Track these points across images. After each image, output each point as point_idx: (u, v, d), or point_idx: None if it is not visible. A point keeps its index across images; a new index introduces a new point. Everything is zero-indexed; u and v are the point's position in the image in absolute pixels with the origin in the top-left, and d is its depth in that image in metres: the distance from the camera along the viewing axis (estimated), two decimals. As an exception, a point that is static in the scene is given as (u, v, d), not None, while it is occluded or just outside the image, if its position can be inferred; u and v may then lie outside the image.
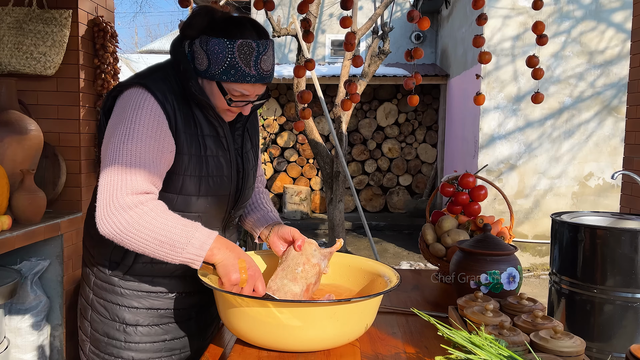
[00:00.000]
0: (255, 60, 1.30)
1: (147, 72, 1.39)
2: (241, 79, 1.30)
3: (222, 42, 1.28)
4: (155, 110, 1.29)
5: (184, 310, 1.49)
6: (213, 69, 1.30)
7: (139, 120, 1.27)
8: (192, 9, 1.35)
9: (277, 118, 9.48)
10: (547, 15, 6.31)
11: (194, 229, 1.22)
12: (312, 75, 5.22)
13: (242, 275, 1.22)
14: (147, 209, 1.21)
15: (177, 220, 1.23)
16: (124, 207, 1.20)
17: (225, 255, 1.23)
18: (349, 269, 1.51)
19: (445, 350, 1.07)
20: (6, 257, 2.54)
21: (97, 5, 3.00)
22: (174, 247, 1.20)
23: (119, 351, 1.43)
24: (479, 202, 1.95)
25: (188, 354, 1.51)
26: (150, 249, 1.21)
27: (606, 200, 6.49)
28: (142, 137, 1.25)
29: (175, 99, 1.34)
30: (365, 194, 9.60)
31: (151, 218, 1.20)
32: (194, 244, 1.21)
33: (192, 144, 1.36)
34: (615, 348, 1.36)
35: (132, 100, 1.30)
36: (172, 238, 1.20)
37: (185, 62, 1.34)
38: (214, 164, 1.39)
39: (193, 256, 1.21)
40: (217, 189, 1.40)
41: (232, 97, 1.34)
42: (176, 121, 1.33)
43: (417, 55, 2.38)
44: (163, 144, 1.29)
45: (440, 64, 9.50)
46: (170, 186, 1.35)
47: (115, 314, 1.44)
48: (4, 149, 2.46)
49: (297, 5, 2.42)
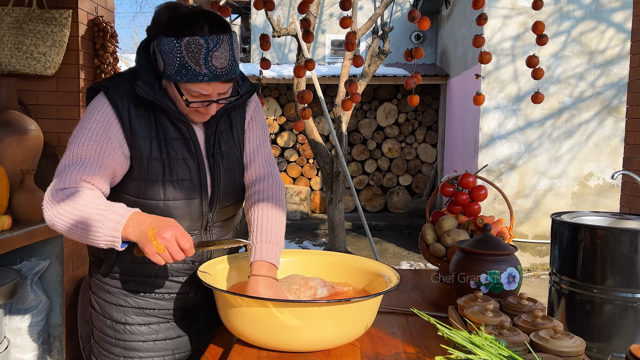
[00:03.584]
0: (204, 58, 1.23)
1: (115, 75, 1.41)
2: (193, 78, 1.25)
3: (171, 41, 1.24)
4: (106, 116, 1.32)
5: (175, 310, 1.46)
6: (168, 69, 1.27)
7: (87, 125, 1.31)
8: (157, 7, 1.33)
9: (277, 118, 9.47)
10: (547, 15, 6.31)
11: (108, 211, 1.19)
12: (312, 75, 5.22)
13: (153, 242, 1.14)
14: (70, 198, 1.22)
15: (97, 205, 1.21)
16: (52, 199, 1.24)
17: (138, 230, 1.17)
18: (349, 269, 1.51)
19: (445, 350, 1.07)
20: (6, 257, 2.54)
21: (97, 5, 3.00)
22: (92, 231, 1.19)
23: (110, 347, 1.45)
24: (479, 202, 1.95)
25: (183, 356, 1.48)
26: (77, 235, 1.22)
27: (606, 200, 6.49)
28: (84, 140, 1.29)
29: (133, 103, 1.33)
30: (365, 194, 9.60)
31: (71, 205, 1.21)
32: (108, 225, 1.18)
33: (152, 149, 1.34)
34: (615, 348, 1.36)
35: (90, 107, 1.35)
36: (89, 222, 1.19)
37: (140, 63, 1.33)
38: (179, 168, 1.36)
39: (110, 237, 1.18)
40: (184, 194, 1.37)
41: (191, 97, 1.29)
42: (131, 126, 1.32)
43: (417, 55, 2.38)
44: (107, 148, 1.30)
45: (440, 64, 9.49)
46: (135, 191, 1.35)
47: (105, 311, 1.45)
48: (4, 149, 2.45)
49: (297, 5, 2.42)
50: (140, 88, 1.30)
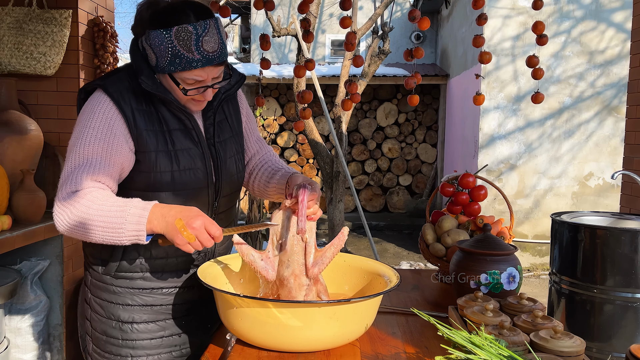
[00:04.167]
0: (196, 43, 1.26)
1: (110, 72, 1.41)
2: (187, 66, 1.28)
3: (160, 33, 1.27)
4: (108, 114, 1.31)
5: (181, 305, 1.48)
6: (160, 62, 1.30)
7: (90, 124, 1.30)
8: (138, 5, 1.35)
9: (277, 118, 9.47)
10: (547, 15, 6.31)
11: (128, 206, 1.22)
12: (312, 75, 5.22)
13: (184, 233, 1.18)
14: (84, 200, 1.23)
15: (115, 202, 1.24)
16: (64, 203, 1.24)
17: (164, 223, 1.21)
18: (349, 269, 1.51)
19: (445, 350, 1.07)
20: (6, 257, 2.54)
21: (97, 5, 3.00)
22: (115, 229, 1.22)
23: (118, 349, 1.44)
24: (479, 202, 1.95)
25: (189, 350, 1.50)
26: (97, 236, 1.23)
27: (606, 200, 6.49)
28: (90, 140, 1.29)
29: (134, 98, 1.35)
30: (365, 194, 9.60)
31: (88, 207, 1.22)
32: (131, 220, 1.21)
33: (157, 141, 1.35)
34: (615, 348, 1.36)
35: (89, 105, 1.33)
36: (110, 220, 1.21)
37: (138, 60, 1.34)
38: (185, 158, 1.38)
39: (135, 232, 1.22)
40: (191, 183, 1.40)
41: (187, 85, 1.32)
42: (135, 120, 1.33)
43: (417, 55, 2.38)
44: (114, 145, 1.30)
45: (440, 64, 9.49)
46: (143, 184, 1.36)
47: (110, 312, 1.44)
48: (4, 149, 2.46)
49: (297, 5, 2.42)
50: (145, 82, 1.31)
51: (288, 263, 1.33)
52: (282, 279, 1.34)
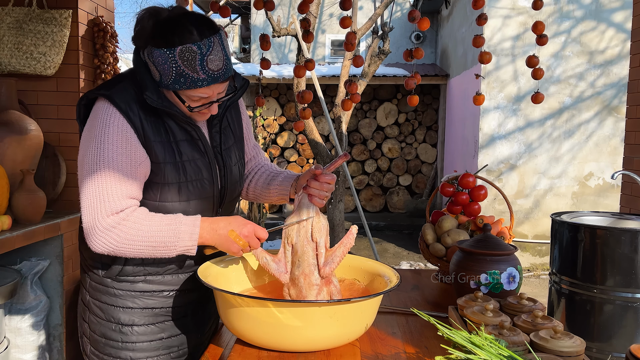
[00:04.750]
0: (200, 63, 1.25)
1: (114, 81, 1.37)
2: (192, 85, 1.27)
3: (163, 52, 1.25)
4: (122, 125, 1.30)
5: (179, 308, 1.49)
6: (165, 79, 1.28)
7: (108, 139, 1.28)
8: (137, 14, 1.32)
9: (277, 118, 9.47)
10: (547, 15, 6.31)
11: (178, 224, 1.29)
12: (312, 75, 5.22)
13: (240, 243, 1.31)
14: (130, 222, 1.27)
15: (161, 221, 1.29)
16: (108, 227, 1.26)
17: (216, 236, 1.30)
18: (349, 269, 1.51)
19: (445, 350, 1.07)
20: (6, 257, 2.54)
21: (97, 5, 3.00)
22: (167, 247, 1.28)
23: (117, 351, 1.44)
24: (479, 202, 1.95)
25: (186, 351, 1.51)
26: (146, 254, 1.29)
27: (606, 200, 6.48)
28: (112, 155, 1.28)
29: (141, 108, 1.33)
30: (365, 194, 9.60)
31: (136, 229, 1.26)
32: (184, 237, 1.28)
33: (165, 152, 1.35)
34: (615, 348, 1.36)
35: (100, 117, 1.30)
36: (162, 239, 1.27)
37: (141, 72, 1.33)
38: (192, 168, 1.39)
39: (187, 247, 1.30)
40: (198, 193, 1.40)
41: (192, 102, 1.32)
42: (144, 131, 1.32)
43: (417, 55, 2.38)
44: (134, 157, 1.30)
45: (440, 64, 9.49)
46: (151, 195, 1.37)
47: (110, 315, 1.44)
48: (4, 149, 2.46)
49: (297, 5, 2.42)
50: (150, 98, 1.30)
51: (299, 263, 1.34)
52: (293, 279, 1.35)
